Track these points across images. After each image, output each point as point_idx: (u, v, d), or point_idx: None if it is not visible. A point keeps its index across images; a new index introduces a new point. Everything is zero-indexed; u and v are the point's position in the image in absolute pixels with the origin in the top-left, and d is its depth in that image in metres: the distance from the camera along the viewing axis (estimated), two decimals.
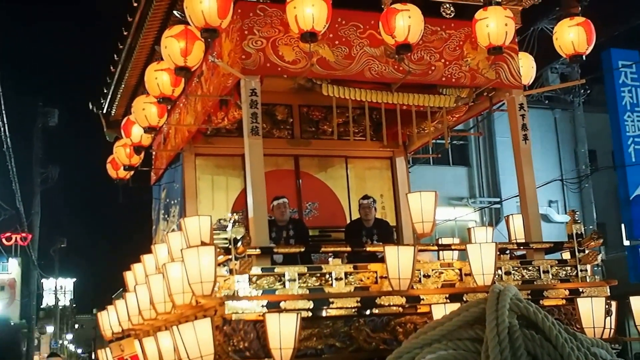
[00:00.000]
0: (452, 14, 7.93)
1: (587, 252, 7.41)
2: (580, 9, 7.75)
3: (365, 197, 8.86)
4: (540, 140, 22.41)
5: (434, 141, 9.58)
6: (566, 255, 7.63)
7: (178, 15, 7.56)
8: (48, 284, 44.81)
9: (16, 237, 27.71)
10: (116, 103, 10.96)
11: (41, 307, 42.69)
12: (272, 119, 9.61)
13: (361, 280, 6.72)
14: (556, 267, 7.37)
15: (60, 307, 47.17)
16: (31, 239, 27.12)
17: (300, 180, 9.75)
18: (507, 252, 7.70)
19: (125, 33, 9.14)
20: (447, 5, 7.94)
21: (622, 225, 20.01)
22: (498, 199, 23.26)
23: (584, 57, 7.69)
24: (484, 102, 8.57)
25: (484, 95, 8.37)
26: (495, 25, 7.21)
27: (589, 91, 22.64)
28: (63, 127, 26.23)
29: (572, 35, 7.56)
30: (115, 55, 9.84)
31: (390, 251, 6.60)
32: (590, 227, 18.71)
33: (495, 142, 23.82)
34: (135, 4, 8.39)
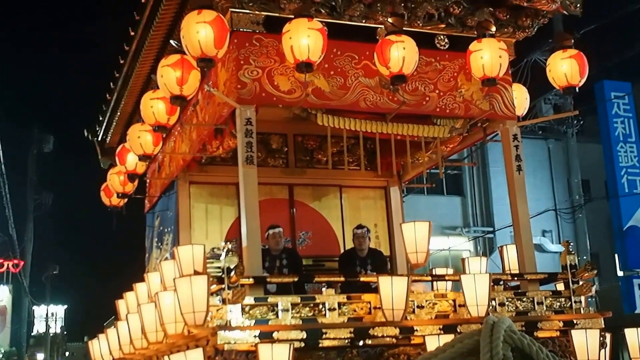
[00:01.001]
0: (447, 46, 7.98)
1: (581, 283, 7.41)
2: (572, 41, 7.81)
3: (360, 226, 8.85)
4: (533, 170, 22.45)
5: (428, 171, 9.61)
6: (560, 286, 7.63)
7: (174, 45, 7.59)
8: (39, 311, 44.47)
9: (8, 264, 27.58)
10: (111, 130, 10.99)
11: (32, 334, 42.34)
12: (267, 148, 9.63)
13: (355, 311, 6.70)
14: (550, 299, 7.36)
15: (51, 335, 46.78)
16: (23, 266, 27.01)
17: (294, 209, 9.75)
18: (501, 283, 7.69)
19: (122, 61, 9.19)
20: (442, 36, 7.99)
21: (616, 256, 20.03)
22: (492, 229, 23.26)
23: (577, 89, 7.74)
24: (478, 132, 8.60)
25: (478, 125, 8.40)
26: (489, 57, 7.27)
27: (582, 122, 22.76)
28: (58, 153, 26.22)
29: (565, 68, 7.62)
30: (111, 83, 9.89)
31: (384, 281, 6.59)
32: (584, 257, 18.76)
33: (489, 171, 23.88)
34: (132, 33, 8.45)
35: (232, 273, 6.31)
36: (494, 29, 7.54)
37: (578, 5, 8.04)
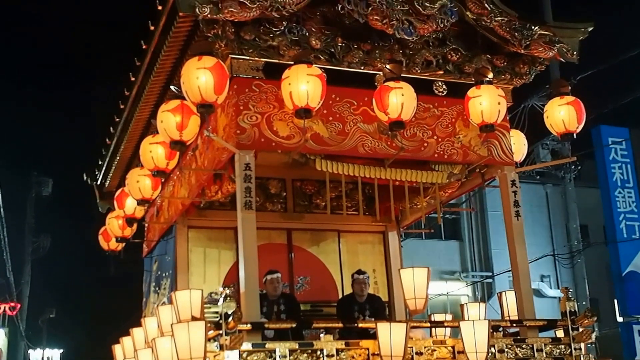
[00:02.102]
0: (445, 92, 8.04)
1: (581, 330, 7.38)
2: (570, 88, 7.89)
3: (360, 272, 8.83)
4: (531, 215, 22.47)
5: (426, 216, 9.61)
6: (560, 333, 7.59)
7: (174, 90, 7.65)
8: (35, 354, 44.03)
9: (5, 307, 27.40)
10: (110, 175, 11.02)
11: None
12: (266, 193, 9.65)
13: (353, 358, 6.67)
14: (550, 346, 7.33)
15: None
16: (20, 309, 26.82)
17: (293, 254, 9.73)
18: (501, 329, 7.66)
19: (122, 106, 9.26)
20: (440, 83, 8.06)
21: (615, 302, 19.93)
22: (490, 273, 23.20)
23: (574, 135, 7.80)
24: (476, 178, 8.63)
25: (477, 171, 8.43)
26: (488, 104, 7.33)
27: (579, 167, 22.79)
28: (57, 196, 26.13)
29: (562, 114, 7.67)
30: (111, 128, 9.94)
31: (382, 328, 6.56)
32: (583, 302, 18.64)
33: (487, 216, 23.89)
34: (133, 79, 8.52)
35: (230, 319, 6.28)
36: (491, 75, 7.62)
37: (575, 52, 8.12)
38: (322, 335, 6.88)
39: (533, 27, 7.90)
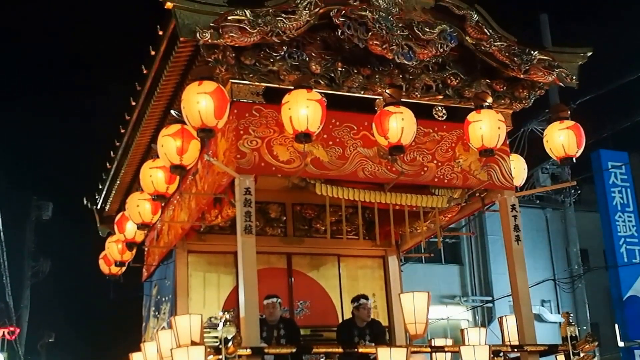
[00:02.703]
0: (444, 117, 8.07)
1: (582, 355, 7.35)
2: (569, 112, 7.91)
3: (365, 297, 8.77)
4: (532, 239, 22.45)
5: (426, 240, 9.60)
6: (561, 358, 7.56)
7: (175, 115, 7.68)
8: None
9: (4, 332, 27.28)
10: (110, 199, 11.03)
11: None
12: (265, 217, 9.65)
13: None
14: None
15: None
16: (19, 333, 26.71)
17: (292, 279, 9.71)
18: (501, 354, 7.63)
19: (122, 130, 9.28)
20: (439, 107, 8.09)
21: (616, 326, 19.86)
22: (490, 298, 23.14)
23: (574, 159, 7.80)
24: (476, 202, 8.63)
25: (476, 195, 8.44)
26: (488, 128, 7.34)
27: (579, 191, 22.82)
28: (56, 220, 26.06)
29: (562, 138, 7.68)
30: (111, 152, 9.97)
31: (382, 353, 6.54)
32: (584, 327, 18.57)
33: (487, 240, 23.86)
34: (133, 103, 8.55)
35: (230, 343, 6.26)
36: (490, 100, 7.64)
37: (574, 77, 8.16)
38: None
39: (532, 52, 7.94)
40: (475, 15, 7.89)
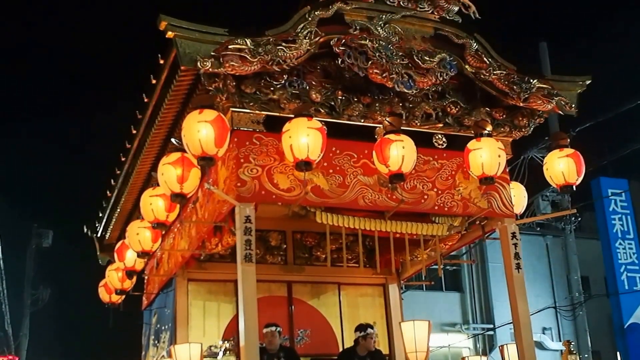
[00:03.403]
0: (444, 145, 8.08)
1: None
2: (569, 140, 7.93)
3: (371, 326, 8.71)
4: (532, 267, 22.40)
5: (426, 267, 9.58)
6: None
7: (175, 143, 7.70)
8: None
9: None
10: (111, 227, 11.03)
11: None
12: (266, 245, 9.64)
13: None
14: None
15: None
16: None
17: (293, 307, 9.69)
18: None
19: (123, 158, 9.30)
20: (439, 135, 8.11)
21: (618, 354, 19.78)
22: (491, 325, 23.04)
23: (574, 187, 7.81)
24: (477, 230, 8.63)
25: (477, 223, 8.43)
26: (488, 156, 7.37)
27: (579, 218, 22.82)
28: (57, 248, 26.00)
29: (562, 166, 7.71)
30: (112, 180, 9.98)
31: None
32: (586, 355, 18.49)
33: (488, 267, 23.81)
34: (134, 131, 8.58)
35: None
36: (490, 128, 7.66)
37: (573, 105, 8.18)
38: None
39: (531, 81, 7.97)
40: (475, 44, 7.94)
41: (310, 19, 7.31)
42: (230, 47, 6.86)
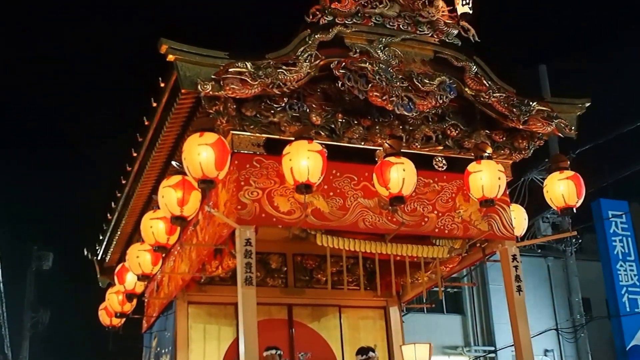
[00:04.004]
0: (444, 167, 8.09)
1: None
2: (569, 163, 7.94)
3: (372, 349, 8.66)
4: (533, 289, 22.31)
5: (427, 289, 9.56)
6: None
7: (176, 166, 7.72)
8: None
9: None
10: (111, 249, 11.02)
11: None
12: (266, 268, 9.63)
13: None
14: None
15: None
16: None
17: (293, 330, 9.65)
18: None
19: (123, 181, 9.31)
20: (439, 158, 8.11)
21: None
22: (493, 348, 22.93)
23: (574, 209, 7.81)
24: (477, 252, 8.61)
25: (477, 246, 8.42)
26: (488, 178, 7.37)
27: (580, 240, 22.79)
28: (57, 271, 25.97)
29: (562, 189, 7.71)
30: (112, 203, 9.98)
31: None
32: None
33: (489, 289, 23.73)
34: (134, 154, 8.59)
35: None
36: (490, 150, 7.66)
37: (573, 127, 8.20)
38: None
39: (531, 103, 7.99)
40: (474, 67, 7.97)
41: (310, 42, 7.36)
42: (230, 70, 6.89)
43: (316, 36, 7.40)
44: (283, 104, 7.48)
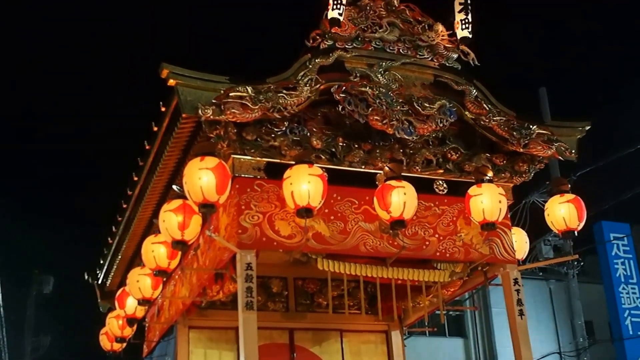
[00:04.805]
0: (445, 191, 8.08)
1: None
2: (569, 186, 7.94)
3: None
4: (536, 311, 22.28)
5: (429, 313, 9.52)
6: None
7: (177, 190, 7.71)
8: None
9: None
10: (112, 274, 11.01)
11: None
12: (267, 292, 9.59)
13: None
14: None
15: None
16: None
17: (295, 354, 9.59)
18: None
19: (124, 205, 9.31)
20: (440, 181, 8.11)
21: None
22: None
23: (576, 233, 7.80)
24: (479, 276, 8.58)
25: (479, 269, 8.39)
26: (489, 202, 7.36)
27: (582, 263, 22.76)
28: (57, 295, 25.93)
29: (563, 212, 7.70)
30: (113, 227, 9.97)
31: None
32: None
33: (491, 313, 23.65)
34: (135, 178, 8.59)
35: None
36: (490, 174, 7.67)
37: (573, 151, 8.20)
38: None
39: (531, 127, 8.00)
40: (474, 91, 7.98)
41: (310, 66, 7.38)
42: (231, 94, 6.91)
43: (316, 60, 7.42)
44: (284, 128, 7.49)
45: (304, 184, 6.79)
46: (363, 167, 7.80)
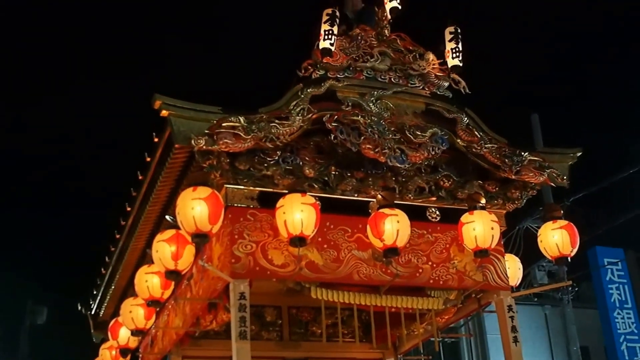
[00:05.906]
0: (438, 218, 8.09)
1: None
2: (562, 212, 7.97)
3: None
4: (531, 337, 22.17)
5: (424, 340, 9.50)
6: None
7: (170, 220, 7.71)
8: None
9: None
10: (105, 304, 10.96)
11: None
12: (261, 321, 9.57)
13: None
14: None
15: None
16: None
17: None
18: None
19: (117, 236, 9.30)
20: (433, 209, 8.12)
21: None
22: None
23: (569, 259, 7.82)
24: (473, 303, 8.57)
25: (473, 296, 8.38)
26: (481, 229, 7.38)
27: (576, 288, 22.77)
28: (51, 325, 25.85)
29: (556, 238, 7.73)
30: (106, 257, 9.96)
31: None
32: None
33: (487, 339, 23.54)
34: (128, 209, 8.59)
35: None
36: (483, 201, 7.69)
37: (565, 177, 8.22)
38: None
39: (523, 154, 8.02)
40: (466, 119, 8.02)
41: (302, 96, 7.40)
42: (223, 124, 6.93)
43: (308, 90, 7.45)
44: (276, 158, 7.50)
45: (297, 213, 6.80)
46: (356, 195, 7.81)
